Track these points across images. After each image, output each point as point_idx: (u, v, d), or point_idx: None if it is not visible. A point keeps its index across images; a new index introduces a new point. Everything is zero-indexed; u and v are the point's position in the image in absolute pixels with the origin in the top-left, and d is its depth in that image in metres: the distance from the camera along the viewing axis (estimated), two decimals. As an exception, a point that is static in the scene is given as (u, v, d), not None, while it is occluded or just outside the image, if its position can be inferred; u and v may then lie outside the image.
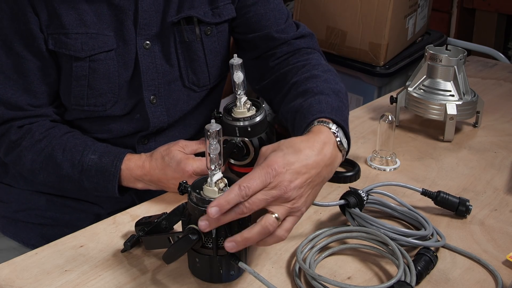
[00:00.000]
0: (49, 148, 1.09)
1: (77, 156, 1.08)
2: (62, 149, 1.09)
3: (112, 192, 1.08)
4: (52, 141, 1.10)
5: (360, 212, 0.97)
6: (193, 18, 1.15)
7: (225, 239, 0.82)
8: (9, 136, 1.11)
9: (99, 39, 1.09)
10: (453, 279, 0.90)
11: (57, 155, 1.09)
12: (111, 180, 1.07)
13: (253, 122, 1.03)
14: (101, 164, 1.08)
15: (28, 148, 1.10)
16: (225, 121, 1.04)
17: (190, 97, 1.21)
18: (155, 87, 1.15)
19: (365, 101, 2.02)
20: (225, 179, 0.85)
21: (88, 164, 1.08)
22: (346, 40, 2.09)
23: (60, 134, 1.11)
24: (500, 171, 1.21)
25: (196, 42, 1.17)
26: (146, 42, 1.12)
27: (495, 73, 1.76)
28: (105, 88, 1.12)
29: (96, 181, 1.08)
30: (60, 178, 1.10)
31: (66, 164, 1.09)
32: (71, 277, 0.89)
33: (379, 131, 1.22)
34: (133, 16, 1.11)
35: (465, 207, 1.04)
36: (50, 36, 1.07)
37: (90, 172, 1.08)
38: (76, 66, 1.09)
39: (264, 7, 1.20)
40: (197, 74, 1.19)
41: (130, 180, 1.08)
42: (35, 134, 1.10)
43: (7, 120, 1.11)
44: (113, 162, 1.07)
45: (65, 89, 1.12)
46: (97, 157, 1.08)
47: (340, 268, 0.92)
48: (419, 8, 2.19)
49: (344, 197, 0.99)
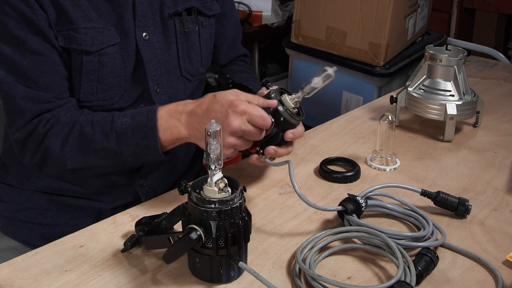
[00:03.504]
0: (77, 127, 1.06)
1: (108, 125, 1.04)
2: (91, 124, 1.05)
3: (155, 149, 1.02)
4: (79, 119, 1.07)
5: (357, 219, 0.97)
6: (192, 9, 1.21)
7: (225, 239, 0.83)
8: (38, 129, 1.07)
9: (105, 34, 1.10)
10: (453, 279, 0.90)
11: (87, 131, 1.05)
12: (150, 135, 1.01)
13: (289, 119, 1.00)
14: (136, 123, 1.03)
15: (56, 134, 1.06)
16: (271, 95, 1.00)
17: (186, 87, 1.25)
18: (158, 77, 1.18)
19: (365, 101, 2.02)
20: (225, 179, 0.85)
21: (122, 127, 1.03)
22: (346, 40, 2.09)
23: (86, 113, 1.09)
24: (500, 171, 1.21)
25: (194, 33, 1.23)
26: (144, 34, 1.14)
27: (495, 73, 1.76)
28: (113, 82, 1.12)
29: (135, 143, 1.02)
30: (96, 155, 1.05)
31: (98, 137, 1.04)
32: (71, 277, 0.89)
33: (379, 131, 1.22)
34: (132, 9, 1.12)
35: (465, 207, 1.04)
36: (59, 33, 1.07)
37: (126, 135, 1.03)
38: (86, 61, 1.09)
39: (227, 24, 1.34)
40: (193, 64, 1.24)
41: (171, 125, 1.01)
42: (61, 120, 1.07)
43: (36, 114, 1.08)
44: (148, 116, 1.03)
45: (74, 85, 1.12)
46: (129, 118, 1.04)
47: (340, 268, 0.92)
48: (419, 8, 2.19)
49: (342, 204, 0.99)
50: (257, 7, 2.69)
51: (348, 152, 1.28)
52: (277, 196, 1.11)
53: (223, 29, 1.33)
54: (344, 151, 1.29)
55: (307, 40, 2.20)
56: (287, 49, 2.30)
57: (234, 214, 0.83)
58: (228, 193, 0.84)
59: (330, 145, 1.31)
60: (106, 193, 1.20)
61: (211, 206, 0.82)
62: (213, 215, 0.82)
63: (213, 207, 0.82)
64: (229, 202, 0.83)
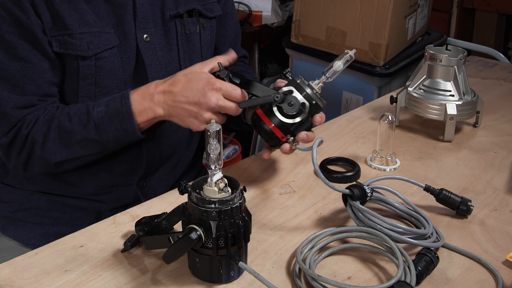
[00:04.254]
0: (55, 123, 1.08)
1: (84, 116, 1.07)
2: (68, 117, 1.08)
3: (133, 132, 1.07)
4: (55, 115, 1.09)
5: (360, 205, 0.97)
6: (194, 11, 1.21)
7: (225, 239, 0.83)
8: (21, 131, 1.08)
9: (102, 37, 1.10)
10: (453, 279, 0.90)
11: (65, 125, 1.07)
12: (126, 119, 1.06)
13: (319, 102, 1.04)
14: (111, 110, 1.06)
15: (37, 132, 1.08)
16: (299, 82, 1.03)
17: None
18: (159, 79, 1.17)
19: (365, 101, 2.02)
20: (225, 179, 0.85)
21: (98, 117, 1.06)
22: (346, 40, 2.09)
23: (61, 108, 1.11)
24: (500, 171, 1.21)
25: (195, 34, 1.23)
26: (145, 35, 1.14)
27: (495, 73, 1.76)
28: (111, 85, 1.13)
29: (113, 129, 1.06)
30: (78, 145, 1.08)
31: (77, 128, 1.07)
32: (71, 277, 0.89)
33: (379, 131, 1.22)
34: (132, 10, 1.12)
35: (466, 207, 1.04)
36: (53, 39, 1.07)
37: (104, 123, 1.06)
38: (82, 66, 1.09)
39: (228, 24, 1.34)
40: None
41: (145, 106, 1.06)
42: (40, 118, 1.09)
43: (20, 119, 1.09)
44: (121, 101, 1.06)
45: (72, 90, 1.12)
46: (104, 106, 1.07)
47: (340, 268, 0.92)
48: (419, 8, 2.18)
49: (350, 188, 0.99)
50: (257, 7, 2.69)
51: (348, 152, 1.28)
52: (277, 196, 1.11)
53: (223, 30, 1.33)
54: (344, 151, 1.29)
55: (307, 40, 2.19)
56: (287, 49, 2.30)
57: (234, 214, 0.83)
58: (228, 193, 0.85)
59: (330, 145, 1.31)
60: (106, 193, 1.20)
61: (211, 206, 0.82)
62: (213, 215, 0.82)
63: (213, 207, 0.82)
64: (229, 202, 0.83)
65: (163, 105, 1.06)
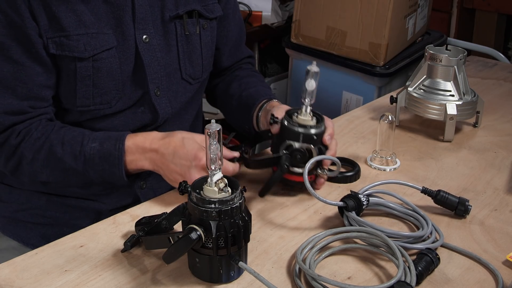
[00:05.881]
0: (47, 144, 1.09)
1: (77, 147, 1.08)
2: (61, 143, 1.09)
3: (119, 177, 1.08)
4: (50, 137, 1.09)
5: (356, 216, 0.97)
6: (194, 12, 1.21)
7: (225, 239, 0.82)
8: (10, 141, 1.10)
9: (100, 38, 1.09)
10: (453, 279, 0.90)
11: (56, 150, 1.08)
12: (116, 164, 1.07)
13: (319, 131, 1.04)
14: (104, 150, 1.07)
15: (27, 148, 1.09)
16: (288, 126, 1.04)
17: (186, 89, 1.25)
18: (158, 80, 1.18)
19: (365, 101, 2.02)
20: (225, 179, 0.85)
21: (90, 153, 1.08)
22: (346, 40, 2.09)
23: (57, 129, 1.11)
24: (500, 171, 1.21)
25: (195, 35, 1.22)
26: (144, 36, 1.14)
27: (495, 73, 1.76)
28: (109, 86, 1.12)
29: (101, 168, 1.08)
30: (64, 173, 1.10)
31: (67, 157, 1.08)
32: (71, 277, 0.89)
33: (379, 131, 1.22)
34: (131, 11, 1.12)
35: (464, 207, 1.04)
36: (50, 40, 1.07)
37: (93, 160, 1.08)
38: (80, 67, 1.09)
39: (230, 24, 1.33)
40: (193, 67, 1.24)
41: (136, 158, 1.08)
42: (33, 134, 1.10)
43: (8, 126, 1.10)
44: (115, 145, 1.07)
45: (70, 91, 1.12)
46: (98, 144, 1.08)
47: (340, 268, 0.92)
48: (419, 8, 2.18)
49: (344, 200, 0.99)
50: (257, 7, 2.68)
51: (348, 152, 1.28)
52: (277, 196, 1.11)
53: (225, 31, 1.33)
54: (344, 151, 1.29)
55: (307, 40, 2.19)
56: (287, 49, 2.30)
57: (234, 214, 0.83)
58: (228, 193, 0.85)
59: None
60: (106, 194, 1.20)
61: (211, 206, 0.82)
62: (213, 215, 0.82)
63: (213, 207, 0.82)
64: (229, 202, 0.83)
65: (152, 163, 1.08)
